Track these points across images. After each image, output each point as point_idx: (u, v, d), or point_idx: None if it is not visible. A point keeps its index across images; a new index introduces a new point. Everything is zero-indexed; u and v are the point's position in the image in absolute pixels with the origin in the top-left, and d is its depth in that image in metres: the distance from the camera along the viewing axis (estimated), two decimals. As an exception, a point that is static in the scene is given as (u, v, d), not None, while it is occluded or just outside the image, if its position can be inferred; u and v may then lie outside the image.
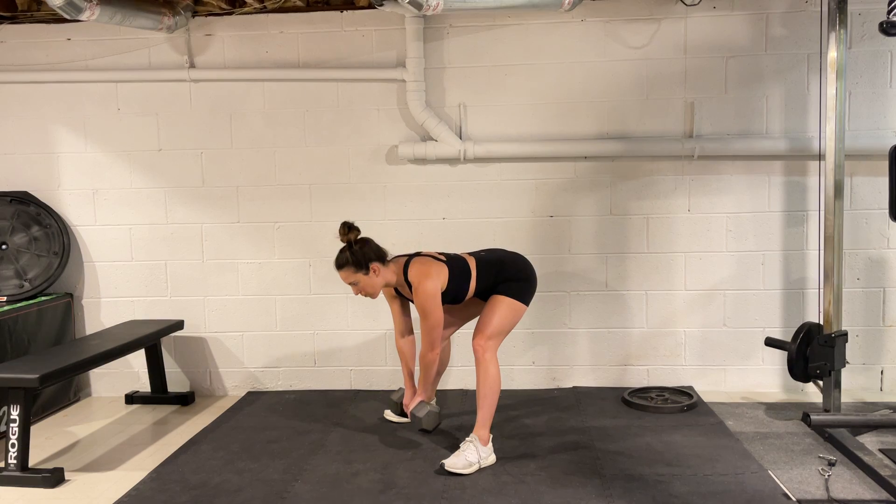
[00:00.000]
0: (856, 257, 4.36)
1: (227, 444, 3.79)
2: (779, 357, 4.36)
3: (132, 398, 4.60)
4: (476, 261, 3.62)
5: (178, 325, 4.52)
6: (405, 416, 3.97)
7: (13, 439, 3.40)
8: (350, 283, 3.55)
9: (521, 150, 4.41)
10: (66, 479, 3.47)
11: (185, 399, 4.55)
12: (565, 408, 4.20)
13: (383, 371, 4.64)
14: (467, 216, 4.51)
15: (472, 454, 3.38)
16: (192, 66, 4.51)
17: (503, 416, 3.99)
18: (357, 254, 3.49)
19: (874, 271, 4.38)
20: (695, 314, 4.48)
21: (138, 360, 4.64)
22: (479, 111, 4.46)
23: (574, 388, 4.54)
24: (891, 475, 3.09)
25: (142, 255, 4.65)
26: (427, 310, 3.47)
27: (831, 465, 3.18)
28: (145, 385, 4.63)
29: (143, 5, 4.05)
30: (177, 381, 4.70)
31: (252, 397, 4.57)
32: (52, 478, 3.38)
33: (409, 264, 3.57)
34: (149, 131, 4.59)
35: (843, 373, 3.95)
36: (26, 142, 4.63)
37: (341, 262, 3.52)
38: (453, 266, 3.56)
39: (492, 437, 3.49)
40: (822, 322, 3.94)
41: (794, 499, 3.03)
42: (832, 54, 3.78)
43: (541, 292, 4.09)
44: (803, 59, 4.30)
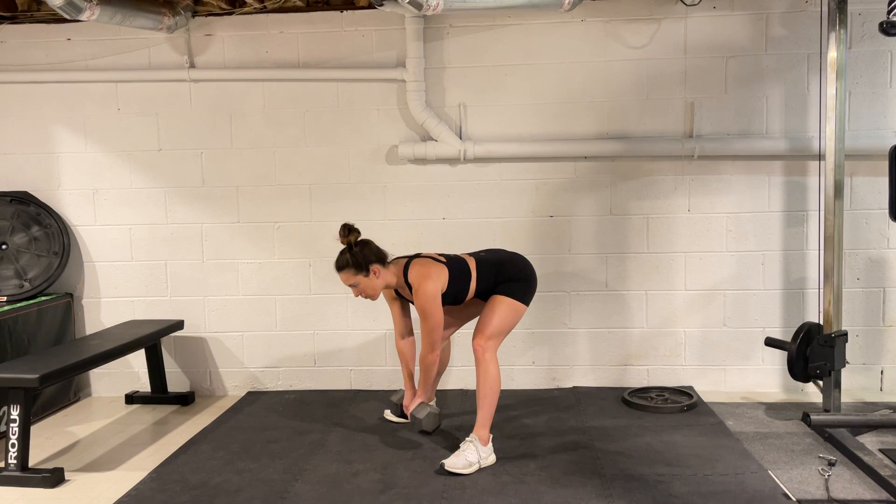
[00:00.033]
0: (856, 257, 4.36)
1: (227, 444, 3.79)
2: (779, 357, 4.36)
3: (132, 398, 4.60)
4: (476, 261, 3.62)
5: (178, 325, 4.53)
6: (405, 418, 3.97)
7: (13, 439, 3.40)
8: (350, 285, 3.55)
9: (521, 150, 4.41)
10: (66, 479, 3.47)
11: (185, 399, 4.55)
12: (565, 408, 4.20)
13: (383, 371, 4.64)
14: (467, 216, 4.51)
15: (472, 454, 3.38)
16: (192, 66, 4.51)
17: (503, 416, 3.99)
18: (357, 256, 3.49)
19: (874, 271, 4.38)
20: (695, 314, 4.48)
21: (138, 360, 4.64)
22: (479, 111, 4.46)
23: (574, 388, 4.54)
24: (891, 475, 3.09)
25: (142, 255, 4.66)
26: (427, 311, 3.47)
27: (831, 465, 3.18)
28: (145, 385, 4.63)
29: (143, 5, 4.05)
30: (177, 381, 4.70)
31: (252, 397, 4.57)
32: (52, 478, 3.38)
33: (409, 266, 3.57)
34: (149, 131, 4.59)
35: (843, 373, 3.96)
36: (26, 142, 4.63)
37: (341, 263, 3.52)
38: (453, 267, 3.56)
39: (492, 437, 3.48)
40: (822, 322, 3.94)
41: (794, 499, 3.03)
42: (832, 54, 3.78)
43: (541, 292, 4.09)
44: (803, 59, 4.30)
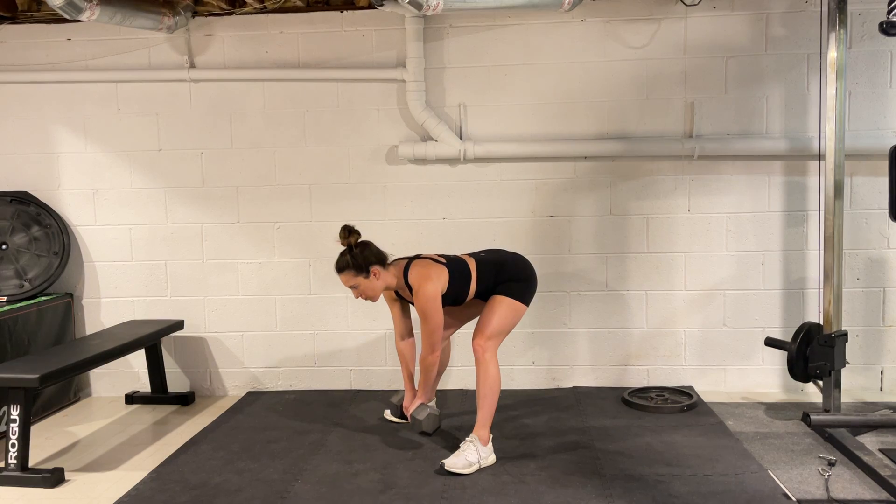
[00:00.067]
0: (856, 257, 4.36)
1: (227, 444, 3.79)
2: (779, 357, 4.36)
3: (132, 398, 4.60)
4: (476, 262, 3.62)
5: (178, 325, 4.53)
6: (405, 419, 3.97)
7: (13, 439, 3.40)
8: (350, 287, 3.55)
9: (521, 150, 4.41)
10: (66, 479, 3.46)
11: (185, 399, 4.55)
12: (565, 408, 4.20)
13: (383, 371, 4.64)
14: (467, 216, 4.51)
15: (472, 454, 3.38)
16: (192, 66, 4.51)
17: (503, 416, 3.99)
18: (357, 257, 3.49)
19: (874, 271, 4.38)
20: (695, 314, 4.48)
21: (138, 360, 4.64)
22: (479, 111, 4.46)
23: (574, 388, 4.54)
24: (891, 475, 3.09)
25: (142, 255, 4.66)
26: (428, 313, 3.46)
27: (831, 465, 3.18)
28: (145, 385, 4.63)
29: (143, 5, 4.05)
30: (177, 381, 4.70)
31: (252, 397, 4.57)
32: (52, 478, 3.38)
33: (409, 267, 3.56)
34: (149, 131, 4.59)
35: (843, 373, 3.95)
36: (26, 142, 4.63)
37: (342, 265, 3.52)
38: (453, 268, 3.56)
39: (492, 437, 3.48)
40: (822, 322, 3.94)
41: (794, 499, 3.03)
42: (832, 54, 3.78)
43: (541, 292, 4.09)
44: (803, 59, 4.30)
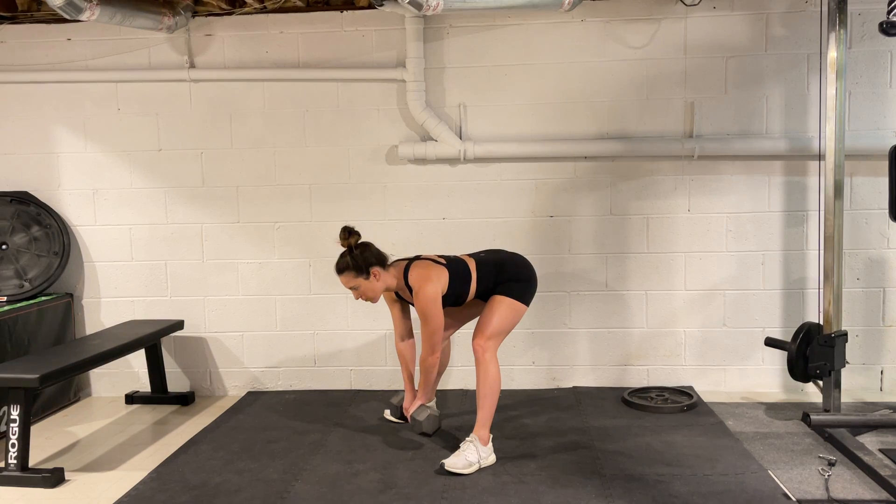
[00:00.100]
0: (856, 257, 4.36)
1: (227, 444, 3.79)
2: (779, 357, 4.36)
3: (132, 398, 4.60)
4: (476, 262, 3.62)
5: (178, 325, 4.53)
6: (405, 420, 3.97)
7: (13, 439, 3.40)
8: (351, 288, 3.55)
9: (521, 150, 4.41)
10: (66, 479, 3.46)
11: (185, 399, 4.55)
12: (565, 408, 4.20)
13: (383, 371, 4.64)
14: (467, 216, 4.51)
15: (472, 454, 3.38)
16: (192, 66, 4.51)
17: (503, 416, 3.99)
18: (358, 258, 3.49)
19: (874, 271, 4.38)
20: (695, 314, 4.48)
21: (138, 360, 4.64)
22: (479, 111, 4.46)
23: (574, 388, 4.54)
24: (891, 475, 3.09)
25: (142, 255, 4.66)
26: (428, 314, 3.46)
27: (831, 465, 3.18)
28: (145, 385, 4.63)
29: (143, 5, 4.05)
30: (177, 381, 4.70)
31: (252, 397, 4.57)
32: (52, 478, 3.38)
33: (409, 268, 3.56)
34: (149, 131, 4.59)
35: (843, 373, 3.95)
36: (26, 142, 4.63)
37: (342, 266, 3.52)
38: (453, 269, 3.56)
39: (492, 437, 3.48)
40: (822, 322, 3.94)
41: (794, 499, 3.03)
42: (832, 54, 3.78)
43: (541, 292, 4.09)
44: (803, 59, 4.30)
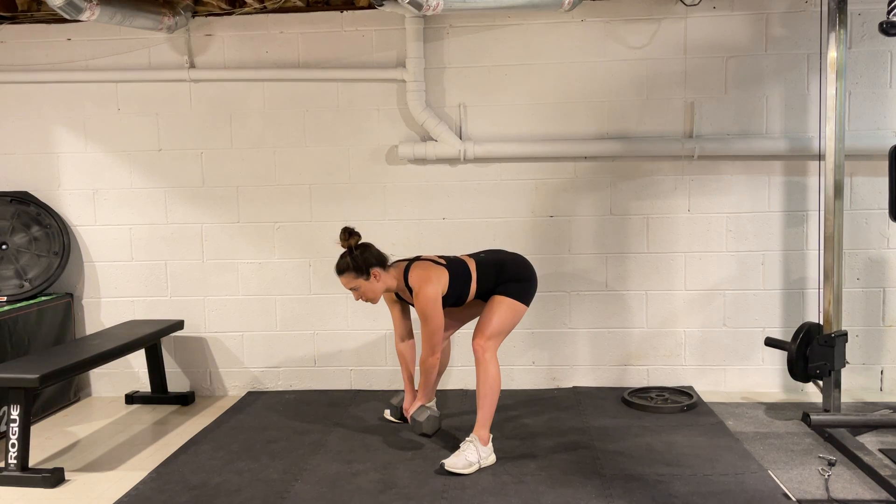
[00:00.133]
0: (856, 257, 4.36)
1: (227, 444, 3.79)
2: (779, 357, 4.36)
3: (132, 398, 4.60)
4: (476, 263, 3.62)
5: (178, 325, 4.53)
6: (404, 420, 3.97)
7: (13, 439, 3.40)
8: (351, 289, 3.55)
9: (521, 150, 4.41)
10: (66, 479, 3.47)
11: (185, 399, 4.55)
12: (565, 408, 4.20)
13: (383, 371, 4.64)
14: (467, 216, 4.51)
15: (472, 454, 3.38)
16: (192, 66, 4.51)
17: (503, 416, 3.99)
18: (358, 259, 3.48)
19: (874, 271, 4.38)
20: (695, 314, 4.48)
21: (138, 360, 4.64)
22: (479, 111, 4.46)
23: (574, 388, 4.54)
24: (891, 475, 3.09)
25: (142, 255, 4.66)
26: (428, 314, 3.46)
27: (831, 465, 3.18)
28: (145, 385, 4.63)
29: (143, 5, 4.06)
30: (177, 381, 4.70)
31: (252, 397, 4.57)
32: (52, 478, 3.38)
33: (409, 269, 3.56)
34: (149, 131, 4.59)
35: (843, 373, 3.95)
36: (26, 142, 4.63)
37: (342, 267, 3.52)
38: (454, 270, 3.55)
39: (492, 437, 3.48)
40: (822, 322, 3.94)
41: (794, 499, 3.03)
42: (832, 54, 3.78)
43: (541, 292, 4.09)
44: (803, 59, 4.30)
